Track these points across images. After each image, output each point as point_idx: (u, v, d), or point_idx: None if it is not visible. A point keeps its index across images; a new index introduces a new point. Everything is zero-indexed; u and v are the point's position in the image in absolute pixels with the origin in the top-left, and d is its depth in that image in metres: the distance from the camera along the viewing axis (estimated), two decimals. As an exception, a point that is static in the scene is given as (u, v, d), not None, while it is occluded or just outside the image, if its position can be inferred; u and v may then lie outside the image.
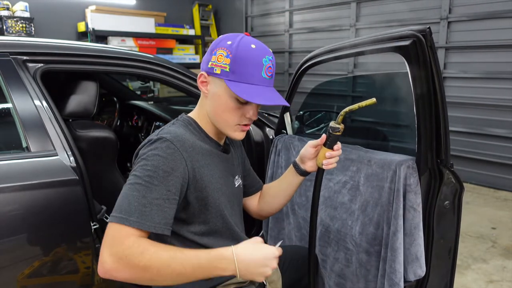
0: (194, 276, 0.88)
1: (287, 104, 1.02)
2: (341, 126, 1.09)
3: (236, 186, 1.19)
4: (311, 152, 1.17)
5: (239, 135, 1.08)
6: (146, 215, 0.88)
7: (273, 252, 0.94)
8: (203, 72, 1.04)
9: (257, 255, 0.92)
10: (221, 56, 0.99)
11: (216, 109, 1.04)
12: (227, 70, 0.98)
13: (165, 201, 0.91)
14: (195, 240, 1.06)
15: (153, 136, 0.99)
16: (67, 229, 1.33)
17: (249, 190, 1.34)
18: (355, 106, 1.07)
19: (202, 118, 1.10)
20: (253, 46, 1.00)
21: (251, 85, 0.99)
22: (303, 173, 1.21)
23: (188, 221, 1.04)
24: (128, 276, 0.85)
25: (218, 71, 1.00)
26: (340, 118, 1.09)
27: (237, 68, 0.98)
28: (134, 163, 0.99)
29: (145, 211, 0.88)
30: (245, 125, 1.07)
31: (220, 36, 1.05)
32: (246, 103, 1.03)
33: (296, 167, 1.22)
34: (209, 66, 1.02)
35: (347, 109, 1.09)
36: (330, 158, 1.11)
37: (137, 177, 0.91)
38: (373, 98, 1.02)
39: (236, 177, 1.20)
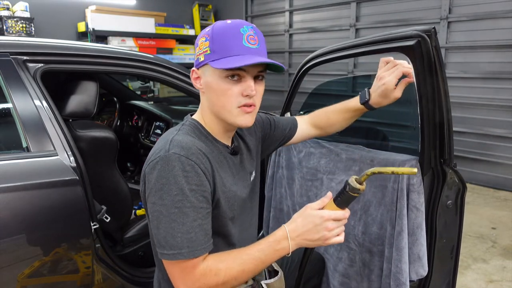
0: (264, 265, 0.96)
1: (270, 61, 0.95)
2: (362, 187, 0.93)
3: (251, 181, 1.16)
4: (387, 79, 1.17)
5: (246, 120, 1.00)
6: (194, 241, 0.89)
7: (321, 216, 0.95)
8: (193, 68, 1.03)
9: (308, 225, 0.95)
10: (202, 43, 0.98)
11: (213, 98, 1.00)
12: (209, 52, 0.96)
13: (202, 219, 0.92)
14: None
15: (161, 151, 0.92)
16: (67, 229, 1.32)
17: (287, 136, 1.34)
18: (388, 170, 0.93)
19: (206, 118, 1.05)
20: (228, 21, 0.98)
21: (233, 56, 0.94)
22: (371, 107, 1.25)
23: None
24: None
25: (202, 58, 0.98)
26: (364, 177, 0.93)
27: (216, 46, 0.95)
28: (147, 181, 0.93)
29: (191, 238, 0.89)
30: (248, 106, 0.99)
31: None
32: (239, 80, 0.97)
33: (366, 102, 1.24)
34: (195, 59, 1.01)
35: (376, 170, 0.93)
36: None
37: (167, 206, 0.88)
38: (414, 169, 0.92)
39: (252, 172, 1.17)
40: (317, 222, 0.95)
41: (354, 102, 1.29)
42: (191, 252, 0.89)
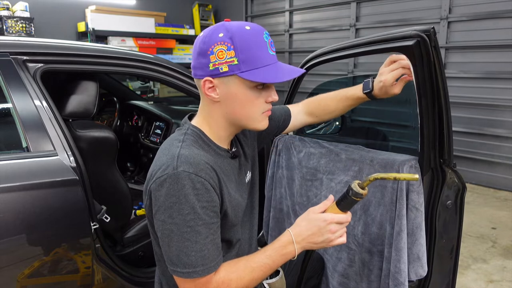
0: (271, 271, 0.98)
1: (303, 71, 1.01)
2: (365, 192, 0.95)
3: (246, 182, 1.15)
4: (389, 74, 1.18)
5: (266, 123, 1.03)
6: (207, 258, 0.90)
7: (325, 219, 0.97)
8: (207, 78, 0.94)
9: (312, 229, 0.97)
10: (222, 51, 0.91)
11: (237, 109, 0.97)
12: (236, 63, 0.91)
13: (213, 234, 0.92)
14: None
15: (168, 167, 0.89)
16: (67, 229, 1.32)
17: (281, 128, 1.35)
18: (390, 176, 0.94)
19: (209, 125, 1.02)
20: (247, 28, 0.92)
21: (265, 67, 0.93)
22: (372, 96, 1.24)
23: None
24: None
25: (225, 69, 0.92)
26: (366, 182, 0.95)
27: (245, 56, 0.91)
28: (153, 198, 0.91)
29: (204, 255, 0.89)
30: (268, 110, 1.01)
31: (199, 37, 0.96)
32: (264, 88, 0.97)
33: (368, 91, 1.24)
34: (211, 68, 0.93)
35: (378, 175, 0.95)
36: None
37: (179, 225, 0.88)
38: (415, 175, 0.92)
39: (247, 173, 1.16)
40: (321, 225, 0.97)
41: (355, 91, 1.29)
42: (206, 270, 0.89)
